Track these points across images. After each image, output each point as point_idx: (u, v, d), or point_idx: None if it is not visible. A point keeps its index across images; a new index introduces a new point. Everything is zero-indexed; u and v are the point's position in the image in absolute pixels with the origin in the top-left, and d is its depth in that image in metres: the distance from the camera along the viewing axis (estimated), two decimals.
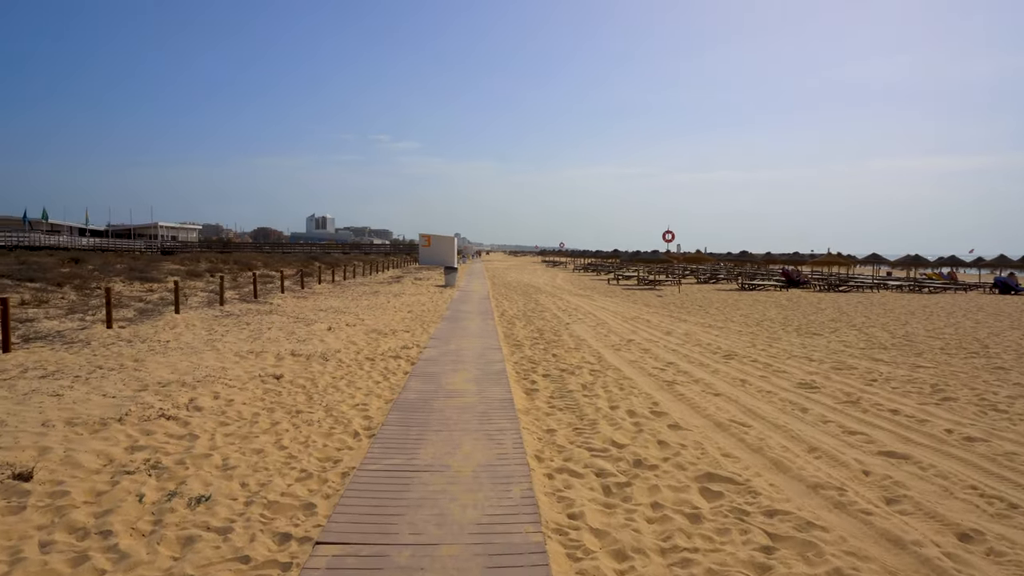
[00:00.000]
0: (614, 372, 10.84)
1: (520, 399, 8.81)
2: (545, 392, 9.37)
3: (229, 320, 15.67)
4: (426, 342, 13.67)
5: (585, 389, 9.57)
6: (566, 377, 10.42)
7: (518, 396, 8.96)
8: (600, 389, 9.53)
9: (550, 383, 10.01)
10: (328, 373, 10.14)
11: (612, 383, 9.95)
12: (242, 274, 30.96)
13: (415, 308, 20.64)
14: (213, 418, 7.36)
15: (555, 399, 8.97)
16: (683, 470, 6.03)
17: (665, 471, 6.01)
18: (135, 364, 10.00)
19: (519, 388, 9.59)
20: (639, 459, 6.32)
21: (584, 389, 9.57)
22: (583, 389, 9.57)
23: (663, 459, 6.36)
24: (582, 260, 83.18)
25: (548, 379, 10.31)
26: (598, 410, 8.28)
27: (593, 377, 10.42)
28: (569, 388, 9.59)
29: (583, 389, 9.57)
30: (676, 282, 38.57)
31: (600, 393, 9.26)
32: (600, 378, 10.33)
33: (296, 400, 8.41)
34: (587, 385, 9.82)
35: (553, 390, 9.53)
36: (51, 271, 21.18)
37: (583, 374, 10.65)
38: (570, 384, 9.86)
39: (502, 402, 8.41)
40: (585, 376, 10.49)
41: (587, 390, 9.50)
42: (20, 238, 68.67)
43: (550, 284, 37.93)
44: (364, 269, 43.92)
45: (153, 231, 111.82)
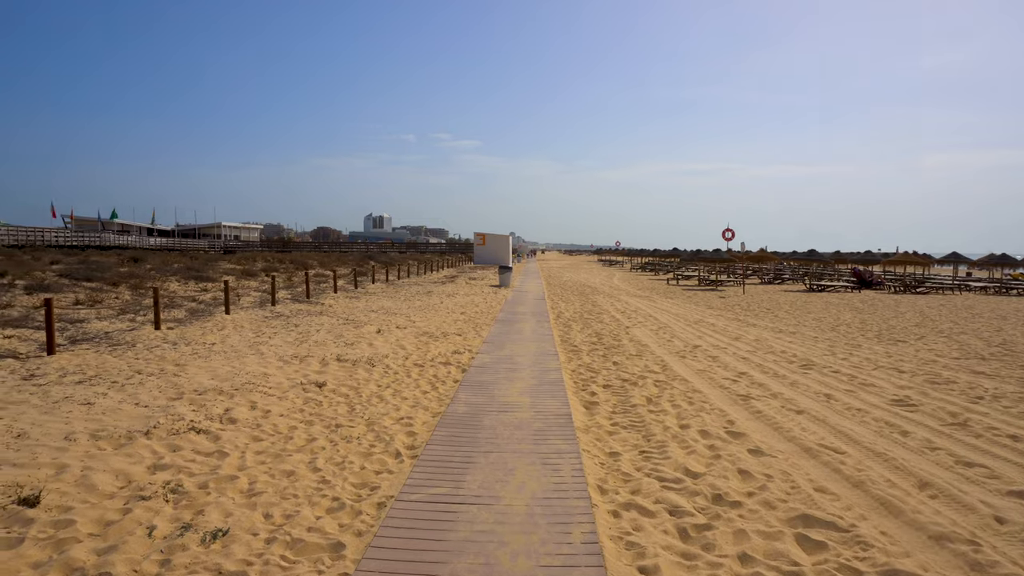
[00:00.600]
0: (681, 383, 9.94)
1: (579, 414, 8.02)
2: (606, 406, 8.56)
3: (278, 322, 15.29)
4: (478, 346, 12.99)
5: (650, 403, 8.72)
6: (629, 389, 9.58)
7: (577, 411, 8.17)
8: (667, 403, 8.67)
9: (611, 395, 9.19)
10: (374, 381, 9.54)
11: (680, 396, 9.07)
12: (297, 274, 30.90)
13: (468, 309, 20.02)
14: (246, 432, 6.80)
15: (618, 415, 8.15)
16: (772, 509, 5.15)
17: (751, 510, 5.14)
18: (175, 369, 9.58)
19: (577, 401, 8.80)
20: (719, 493, 5.46)
21: (649, 403, 8.72)
22: (648, 403, 8.72)
23: (747, 494, 5.49)
24: (639, 259, 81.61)
25: (609, 391, 9.49)
26: (666, 429, 7.42)
27: (658, 389, 9.55)
28: (632, 402, 8.75)
29: (648, 403, 8.72)
30: (740, 282, 37.07)
31: (667, 408, 8.39)
32: (666, 390, 9.45)
33: (337, 412, 7.80)
34: (652, 399, 8.96)
35: (615, 404, 8.71)
36: (110, 271, 21.33)
37: (647, 385, 9.79)
38: (633, 397, 9.02)
39: (559, 418, 7.63)
40: (650, 388, 9.63)
41: (653, 404, 8.65)
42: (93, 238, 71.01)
43: (607, 284, 36.92)
44: (418, 268, 43.66)
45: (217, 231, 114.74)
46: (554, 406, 8.19)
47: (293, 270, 32.69)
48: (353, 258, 50.77)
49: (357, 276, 28.66)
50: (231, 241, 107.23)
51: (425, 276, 39.44)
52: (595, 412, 8.23)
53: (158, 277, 22.13)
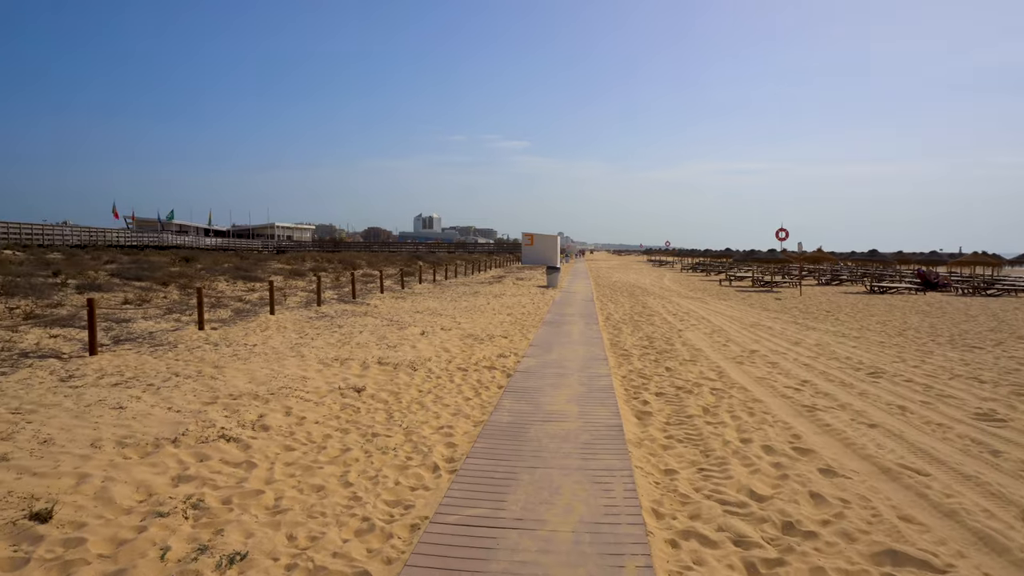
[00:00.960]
0: (740, 392, 9.30)
1: (631, 425, 7.49)
2: (660, 417, 7.99)
3: (322, 322, 15.10)
4: (524, 349, 12.52)
5: (707, 414, 8.12)
6: (683, 397, 8.99)
7: (628, 421, 7.64)
8: (726, 414, 8.06)
9: (665, 404, 8.62)
10: (415, 386, 9.16)
11: (739, 406, 8.45)
12: (344, 274, 30.93)
13: (515, 311, 19.58)
14: (278, 440, 6.46)
15: (672, 426, 7.58)
16: (852, 542, 4.55)
17: (828, 542, 4.54)
18: (213, 371, 9.36)
19: (629, 410, 8.25)
20: (789, 520, 4.87)
21: (706, 414, 8.13)
22: (705, 414, 8.13)
23: (822, 522, 4.89)
24: (690, 259, 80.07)
25: (662, 399, 8.92)
26: (726, 443, 6.84)
27: (715, 398, 8.94)
28: (688, 412, 8.17)
29: (705, 414, 8.13)
30: (796, 284, 35.81)
31: (726, 420, 7.79)
32: (724, 399, 8.84)
33: (375, 419, 7.43)
34: (709, 408, 8.36)
35: (669, 414, 8.14)
36: (160, 270, 21.58)
37: (703, 394, 9.18)
38: (689, 407, 8.43)
39: (609, 429, 7.11)
40: (706, 396, 9.03)
41: (710, 415, 8.05)
42: (152, 238, 72.95)
43: (657, 285, 36.08)
44: (466, 269, 43.45)
45: (270, 231, 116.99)
46: (604, 416, 7.67)
47: (341, 270, 32.75)
48: (401, 258, 50.89)
49: (404, 276, 28.50)
50: (284, 241, 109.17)
51: (472, 276, 39.19)
52: (648, 423, 7.68)
53: (207, 277, 22.29)
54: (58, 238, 52.69)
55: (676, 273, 55.13)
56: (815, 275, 44.03)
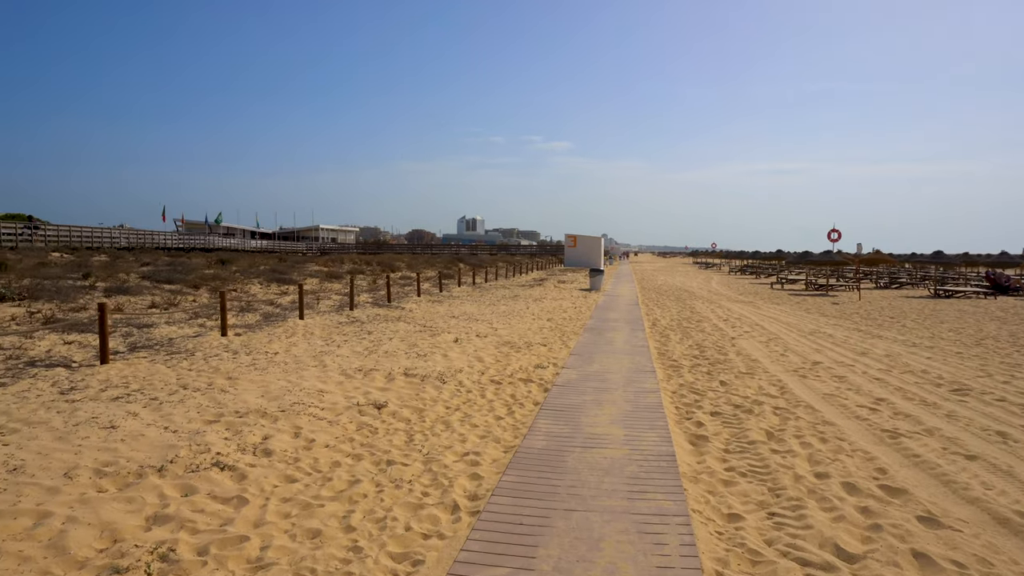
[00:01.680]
0: (807, 412, 8.22)
1: (684, 453, 6.50)
2: (717, 442, 6.98)
3: (351, 328, 14.38)
4: (565, 359, 11.59)
5: (772, 439, 7.09)
6: (742, 417, 7.96)
7: (681, 448, 6.65)
8: (793, 439, 7.01)
9: (722, 427, 7.60)
10: (442, 402, 8.31)
11: (808, 430, 7.38)
12: (383, 276, 30.39)
13: (555, 316, 18.63)
14: (279, 469, 5.67)
15: (732, 454, 6.57)
16: None
17: None
18: (225, 383, 8.66)
19: (681, 434, 7.26)
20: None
21: (770, 439, 7.09)
22: (769, 439, 7.09)
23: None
24: (738, 261, 77.93)
25: (719, 420, 7.90)
26: (798, 479, 5.81)
27: (779, 419, 7.88)
28: (750, 436, 7.14)
29: (769, 439, 7.09)
30: (855, 287, 34.06)
31: (795, 447, 6.74)
32: (790, 421, 7.77)
33: (392, 443, 6.59)
34: (773, 432, 7.32)
35: (727, 438, 7.13)
36: (194, 273, 21.23)
37: (765, 413, 8.13)
38: (750, 429, 7.40)
39: (659, 459, 6.14)
40: (768, 417, 7.97)
41: (775, 440, 7.01)
42: (199, 240, 73.91)
43: (705, 288, 34.70)
44: (507, 271, 42.62)
45: (315, 233, 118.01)
46: (653, 441, 6.70)
47: (379, 272, 32.23)
48: (442, 260, 50.33)
49: (442, 279, 27.80)
50: (328, 243, 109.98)
51: (513, 279, 38.33)
52: (704, 450, 6.68)
53: (240, 280, 21.87)
54: (107, 241, 53.49)
55: (724, 276, 53.43)
56: (871, 278, 42.04)
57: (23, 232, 44.27)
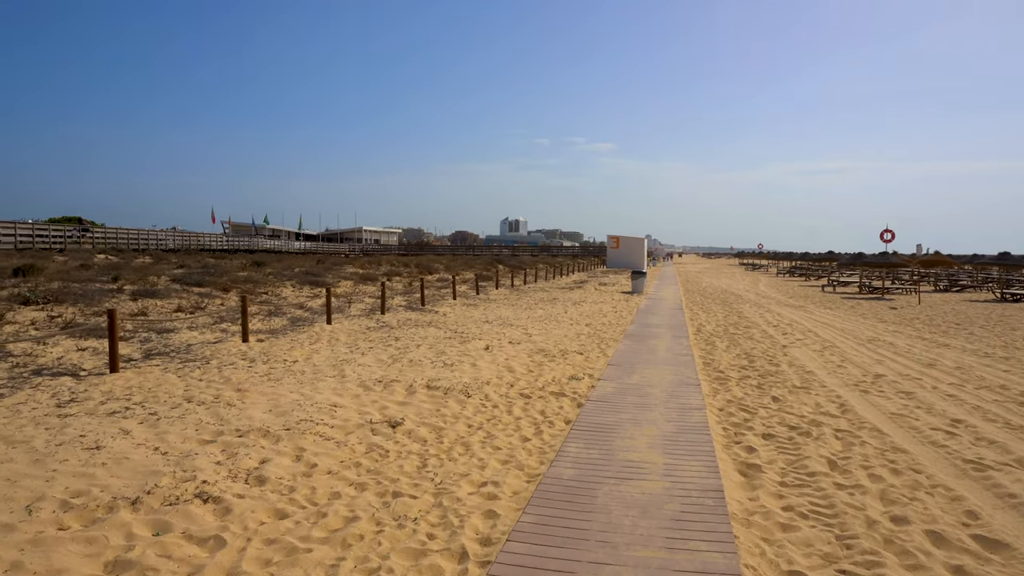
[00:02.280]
0: (873, 435, 7.28)
1: (735, 487, 5.66)
2: (772, 473, 6.12)
3: (379, 333, 13.78)
4: (602, 369, 10.79)
5: (835, 469, 6.19)
6: (799, 442, 7.06)
7: (730, 480, 5.81)
8: (860, 471, 6.11)
9: (776, 452, 6.72)
10: (463, 419, 7.59)
11: (877, 458, 6.46)
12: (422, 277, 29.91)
13: (594, 320, 17.79)
14: (270, 501, 5.01)
15: (790, 489, 5.70)
16: None
17: None
18: (234, 396, 8.08)
19: (730, 462, 6.41)
20: None
21: (834, 469, 6.20)
22: (832, 469, 6.20)
23: None
24: (785, 263, 75.71)
25: (772, 444, 7.01)
26: (871, 524, 4.92)
27: (842, 444, 6.96)
28: (809, 466, 6.25)
29: (832, 469, 6.20)
30: (911, 290, 32.39)
31: (864, 481, 5.84)
32: (854, 447, 6.85)
33: (403, 469, 5.89)
34: (836, 461, 6.42)
35: (784, 468, 6.25)
36: (226, 275, 20.97)
37: (825, 437, 7.21)
38: (809, 457, 6.50)
39: (705, 494, 5.32)
40: (829, 441, 7.06)
41: (839, 472, 6.11)
42: (244, 242, 74.79)
43: (752, 291, 33.40)
44: (546, 273, 41.82)
45: (358, 235, 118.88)
46: (697, 472, 5.87)
47: (416, 274, 31.76)
48: (481, 262, 49.77)
49: (479, 281, 27.17)
50: (371, 245, 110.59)
51: (553, 281, 37.50)
52: (756, 483, 5.83)
53: (273, 282, 21.53)
54: (153, 243, 54.29)
55: (771, 278, 51.75)
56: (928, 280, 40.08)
57: (71, 234, 45.10)
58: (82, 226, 50.24)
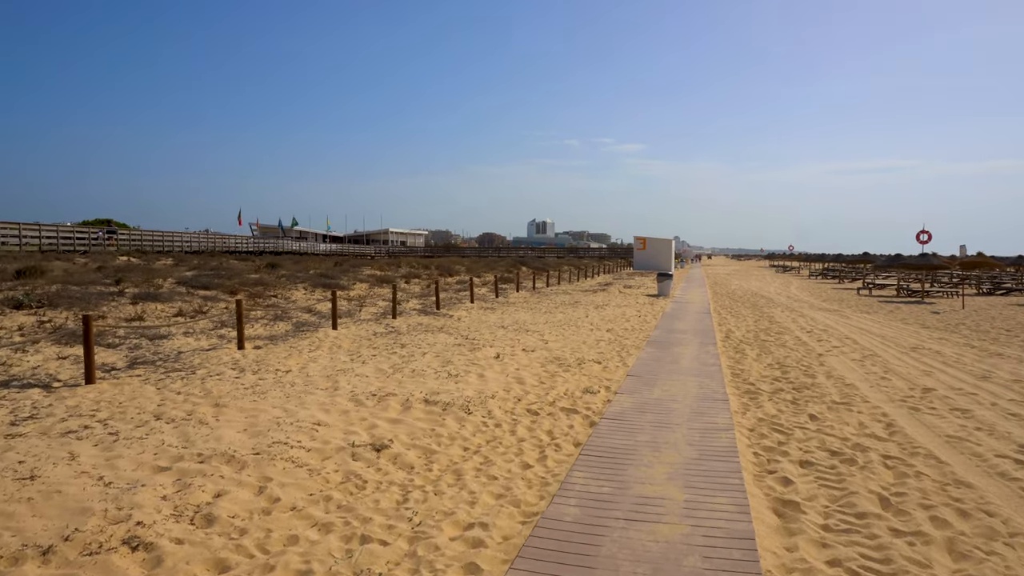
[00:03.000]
0: (930, 464, 6.30)
1: (768, 533, 4.75)
2: (813, 513, 5.18)
3: (385, 340, 13.01)
4: (620, 381, 9.90)
5: (888, 508, 5.24)
6: (843, 472, 6.11)
7: (763, 524, 4.89)
8: (919, 510, 5.15)
9: (817, 486, 5.78)
10: (460, 441, 6.76)
11: (937, 494, 5.50)
12: (440, 280, 29.17)
13: (616, 325, 16.86)
14: (214, 549, 4.22)
15: (835, 535, 4.77)
16: None
17: None
18: (209, 411, 7.34)
19: (763, 498, 5.49)
20: None
21: (886, 508, 5.25)
22: (884, 508, 5.25)
23: None
24: (819, 265, 73.75)
25: (811, 474, 6.07)
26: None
27: (894, 475, 6.00)
28: (857, 504, 5.31)
29: (884, 508, 5.25)
30: (956, 294, 30.89)
31: (924, 525, 4.88)
32: (908, 479, 5.88)
33: (379, 505, 5.08)
34: (889, 497, 5.46)
35: (826, 506, 5.32)
36: (236, 277, 20.39)
37: (873, 465, 6.25)
38: (856, 492, 5.55)
39: (732, 543, 4.42)
40: (878, 471, 6.10)
41: (893, 512, 5.17)
42: (270, 244, 74.87)
43: (784, 294, 32.13)
44: (570, 275, 40.87)
45: (384, 237, 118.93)
46: (724, 511, 4.97)
47: (437, 275, 31.03)
48: (504, 263, 48.96)
49: (500, 284, 26.35)
50: (397, 247, 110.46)
51: (577, 283, 36.53)
52: (794, 527, 4.90)
53: (285, 285, 20.91)
54: (178, 245, 54.37)
55: (803, 280, 50.22)
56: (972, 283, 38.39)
57: (96, 237, 45.23)
58: (109, 228, 50.41)
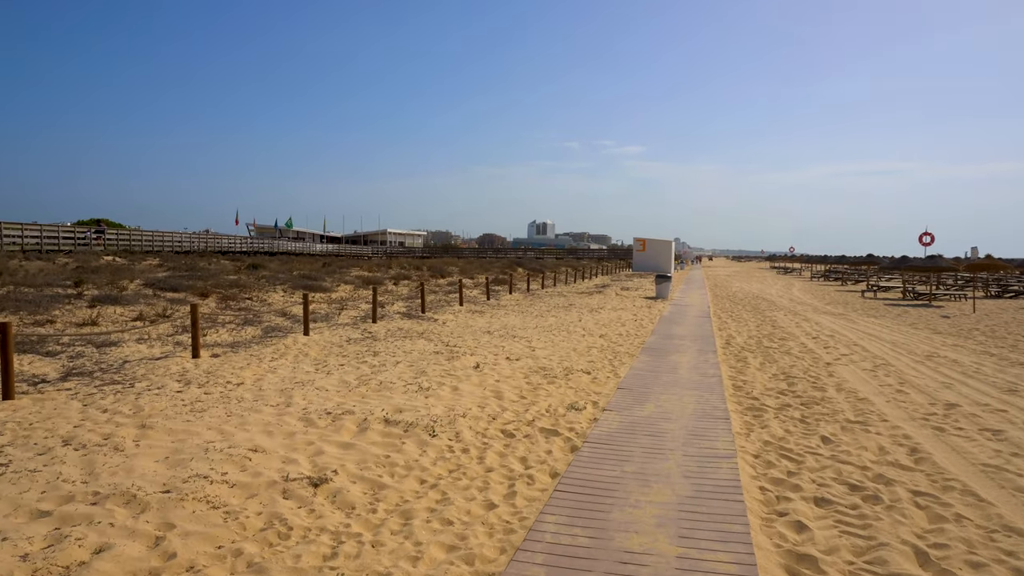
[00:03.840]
0: (967, 501, 5.33)
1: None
2: (836, 573, 4.21)
3: (358, 347, 12.02)
4: (609, 395, 8.94)
5: (930, 568, 4.26)
6: (867, 512, 5.13)
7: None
8: (967, 572, 4.18)
9: (837, 533, 4.80)
10: (416, 472, 5.79)
11: (985, 546, 4.52)
12: (429, 282, 28.21)
13: (610, 330, 15.88)
14: None
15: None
16: None
17: None
18: (132, 435, 6.36)
19: (772, 551, 4.51)
20: None
21: (927, 568, 4.27)
22: (925, 568, 4.27)
23: None
24: (820, 266, 72.70)
25: (830, 516, 5.09)
26: None
27: (928, 518, 5.03)
28: (889, 561, 4.32)
29: (925, 568, 4.27)
30: (965, 296, 29.90)
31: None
32: (947, 523, 4.91)
33: (299, 563, 4.09)
34: (927, 549, 4.48)
35: (851, 562, 4.33)
36: (211, 279, 19.40)
37: (902, 504, 5.27)
38: (886, 545, 4.56)
39: None
40: (909, 512, 5.12)
41: (935, 572, 4.19)
42: (265, 244, 73.83)
43: (786, 296, 31.16)
44: (567, 276, 39.87)
45: (383, 237, 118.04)
46: (726, 568, 4.00)
47: (428, 277, 30.06)
48: (500, 264, 47.94)
49: (494, 285, 25.37)
50: (395, 247, 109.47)
51: (573, 285, 35.52)
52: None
53: (264, 287, 19.93)
54: (169, 245, 53.37)
55: (805, 282, 49.23)
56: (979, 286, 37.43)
57: (84, 236, 44.26)
58: (97, 228, 49.41)
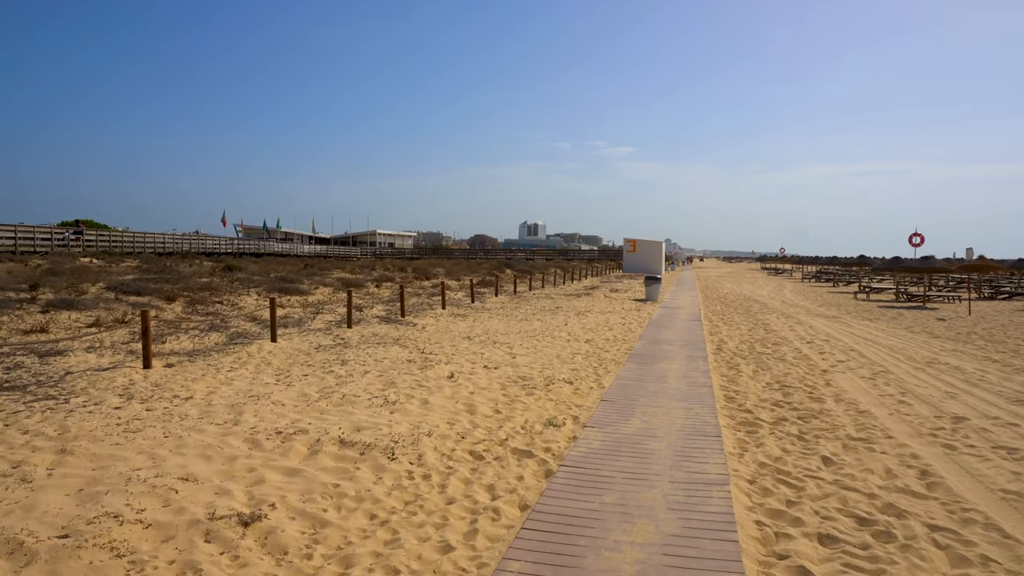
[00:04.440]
0: (992, 539, 4.67)
1: None
2: None
3: (326, 355, 11.29)
4: (592, 408, 8.26)
5: None
6: (881, 555, 4.46)
7: None
8: None
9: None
10: (366, 504, 5.08)
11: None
12: (413, 284, 27.46)
13: (597, 335, 15.20)
14: None
15: None
16: None
17: None
18: (48, 460, 5.63)
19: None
20: None
21: None
22: None
23: None
24: (811, 267, 72.30)
25: (837, 561, 4.41)
26: None
27: (950, 561, 4.37)
28: None
29: None
30: (959, 298, 29.40)
31: None
32: (971, 568, 4.25)
33: None
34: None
35: None
36: (182, 282, 18.60)
37: (919, 543, 4.61)
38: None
39: None
40: (929, 554, 4.45)
41: None
42: (252, 245, 72.82)
43: (777, 298, 30.59)
44: (555, 278, 39.17)
45: (372, 238, 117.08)
46: None
47: (413, 279, 29.32)
48: (489, 265, 47.19)
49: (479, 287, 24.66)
50: (385, 248, 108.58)
51: (562, 287, 34.84)
52: None
53: (237, 290, 19.14)
54: (149, 246, 52.38)
55: (796, 283, 48.75)
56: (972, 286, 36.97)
57: (62, 238, 43.30)
58: (76, 229, 48.39)
